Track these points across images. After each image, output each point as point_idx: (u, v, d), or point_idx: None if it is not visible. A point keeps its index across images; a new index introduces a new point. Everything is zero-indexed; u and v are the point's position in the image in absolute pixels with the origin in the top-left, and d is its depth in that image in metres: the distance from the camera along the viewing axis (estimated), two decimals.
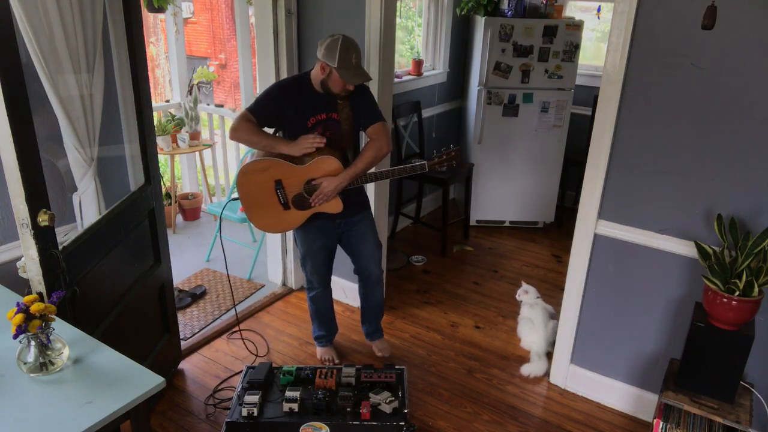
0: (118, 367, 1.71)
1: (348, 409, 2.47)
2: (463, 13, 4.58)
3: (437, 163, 2.61)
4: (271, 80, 3.29)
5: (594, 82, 4.91)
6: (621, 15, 2.34)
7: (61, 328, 1.78)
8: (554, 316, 3.24)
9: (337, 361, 3.13)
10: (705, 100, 2.28)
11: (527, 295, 3.43)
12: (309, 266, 2.91)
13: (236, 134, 2.58)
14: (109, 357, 1.75)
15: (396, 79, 4.25)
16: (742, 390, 2.28)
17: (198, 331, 3.36)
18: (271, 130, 2.74)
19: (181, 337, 3.21)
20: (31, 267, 1.89)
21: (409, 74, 4.57)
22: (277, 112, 2.61)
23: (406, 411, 2.50)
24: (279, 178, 2.63)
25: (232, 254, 4.26)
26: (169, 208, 4.60)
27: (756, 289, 2.08)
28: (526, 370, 3.10)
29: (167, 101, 4.94)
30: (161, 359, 2.83)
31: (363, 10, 2.98)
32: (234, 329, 3.39)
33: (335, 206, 2.64)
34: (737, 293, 2.10)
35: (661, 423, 2.29)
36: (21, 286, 1.99)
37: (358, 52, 2.47)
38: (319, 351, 3.18)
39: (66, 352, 1.72)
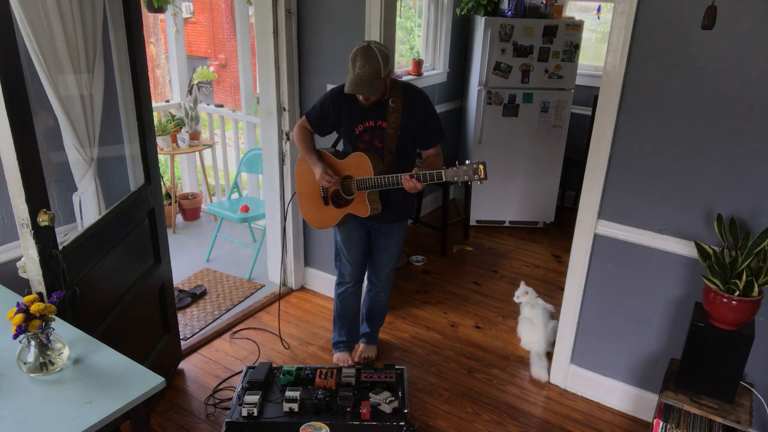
0: (118, 367, 1.71)
1: (348, 409, 2.47)
2: (463, 13, 4.58)
3: (455, 173, 2.33)
4: (272, 80, 3.29)
5: (594, 82, 4.91)
6: (621, 15, 2.34)
7: (61, 328, 1.78)
8: (555, 315, 3.24)
9: (351, 363, 3.08)
10: (705, 100, 2.28)
11: (527, 296, 3.43)
12: (343, 256, 2.88)
13: (294, 135, 2.73)
14: (109, 357, 1.75)
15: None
16: (742, 390, 2.28)
17: (198, 331, 3.37)
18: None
19: (181, 337, 3.21)
20: (31, 267, 1.89)
21: (409, 74, 4.57)
22: (330, 119, 2.62)
23: (406, 411, 2.50)
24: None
25: (231, 254, 4.27)
26: (169, 208, 4.60)
27: (756, 289, 2.08)
28: (534, 373, 3.08)
29: (167, 101, 4.95)
30: (161, 359, 2.83)
31: (363, 10, 2.98)
32: (235, 329, 3.40)
33: (363, 211, 2.59)
34: (737, 293, 2.10)
35: (661, 423, 2.29)
36: (21, 286, 1.99)
37: (366, 62, 2.33)
38: (336, 355, 3.11)
39: (66, 352, 1.72)
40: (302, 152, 2.69)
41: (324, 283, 3.71)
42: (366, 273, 3.01)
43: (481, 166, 2.28)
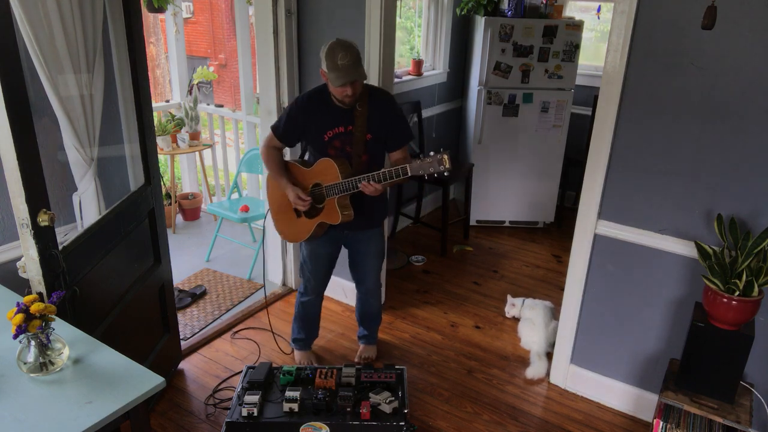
0: (118, 367, 1.71)
1: (348, 409, 2.47)
2: (463, 13, 4.58)
3: (420, 167, 2.26)
4: (272, 80, 3.29)
5: (594, 82, 4.91)
6: (621, 15, 2.34)
7: (61, 328, 1.78)
8: (556, 314, 3.24)
9: (315, 365, 3.03)
10: (705, 100, 2.28)
11: (515, 308, 3.47)
12: (308, 271, 2.87)
13: (262, 155, 2.70)
14: (109, 357, 1.75)
15: (396, 79, 4.25)
16: (742, 390, 2.28)
17: (198, 331, 3.37)
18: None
19: (181, 337, 3.21)
20: (31, 267, 1.89)
21: (409, 74, 4.57)
22: (299, 129, 2.60)
23: (406, 411, 2.50)
24: (292, 182, 2.63)
25: (231, 254, 4.27)
26: (169, 208, 4.60)
27: (756, 289, 2.08)
28: (531, 372, 3.08)
29: (167, 101, 4.95)
30: (161, 359, 2.83)
31: (363, 10, 2.98)
32: (236, 329, 3.40)
33: (334, 218, 2.55)
34: (737, 293, 2.10)
35: (661, 423, 2.29)
36: (21, 286, 1.99)
37: (347, 51, 2.33)
38: (297, 355, 3.13)
39: (66, 352, 1.72)
40: (273, 176, 2.66)
41: (335, 287, 3.71)
42: (354, 280, 2.98)
43: (445, 156, 2.23)
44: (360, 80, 2.39)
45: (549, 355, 3.14)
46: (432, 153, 2.25)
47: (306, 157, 2.78)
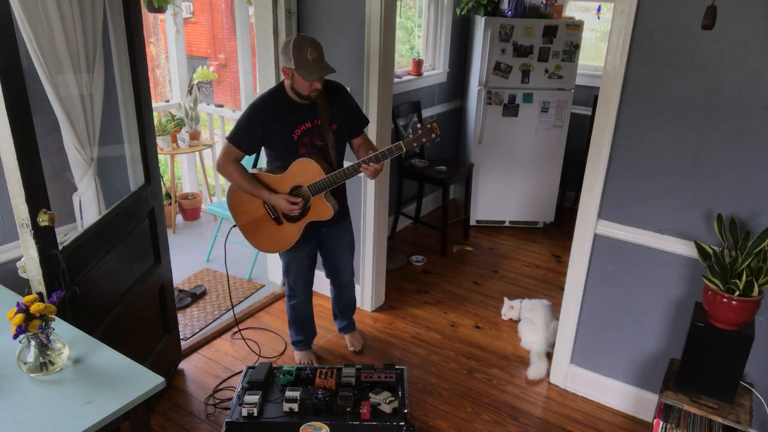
0: (118, 367, 1.71)
1: (348, 409, 2.47)
2: (463, 13, 4.58)
3: (414, 140, 2.41)
4: (272, 80, 3.29)
5: (594, 82, 4.91)
6: (621, 15, 2.34)
7: (61, 328, 1.78)
8: (556, 314, 3.24)
9: (315, 365, 3.07)
10: (705, 100, 2.28)
11: (513, 310, 3.46)
12: (293, 274, 2.88)
13: (222, 172, 2.60)
14: (109, 357, 1.75)
15: (396, 79, 4.25)
16: (742, 390, 2.28)
17: (198, 331, 3.37)
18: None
19: (181, 337, 3.21)
20: (31, 267, 1.89)
21: (409, 74, 4.57)
22: (259, 136, 2.54)
23: (406, 411, 2.50)
24: None
25: (231, 254, 4.27)
26: (169, 208, 4.60)
27: (756, 289, 2.08)
28: (531, 372, 3.08)
29: (167, 101, 4.95)
30: (161, 359, 2.83)
31: (363, 11, 2.98)
32: (234, 329, 3.40)
33: (326, 213, 2.57)
34: (737, 293, 2.10)
35: (661, 423, 2.29)
36: (21, 286, 1.99)
37: (314, 47, 2.35)
38: (297, 355, 3.14)
39: (66, 352, 1.72)
40: (248, 189, 2.57)
41: (323, 283, 3.71)
42: (330, 276, 3.02)
43: (435, 124, 2.40)
44: (333, 72, 2.42)
45: (549, 355, 3.14)
46: (420, 125, 2.42)
47: (264, 165, 2.73)
